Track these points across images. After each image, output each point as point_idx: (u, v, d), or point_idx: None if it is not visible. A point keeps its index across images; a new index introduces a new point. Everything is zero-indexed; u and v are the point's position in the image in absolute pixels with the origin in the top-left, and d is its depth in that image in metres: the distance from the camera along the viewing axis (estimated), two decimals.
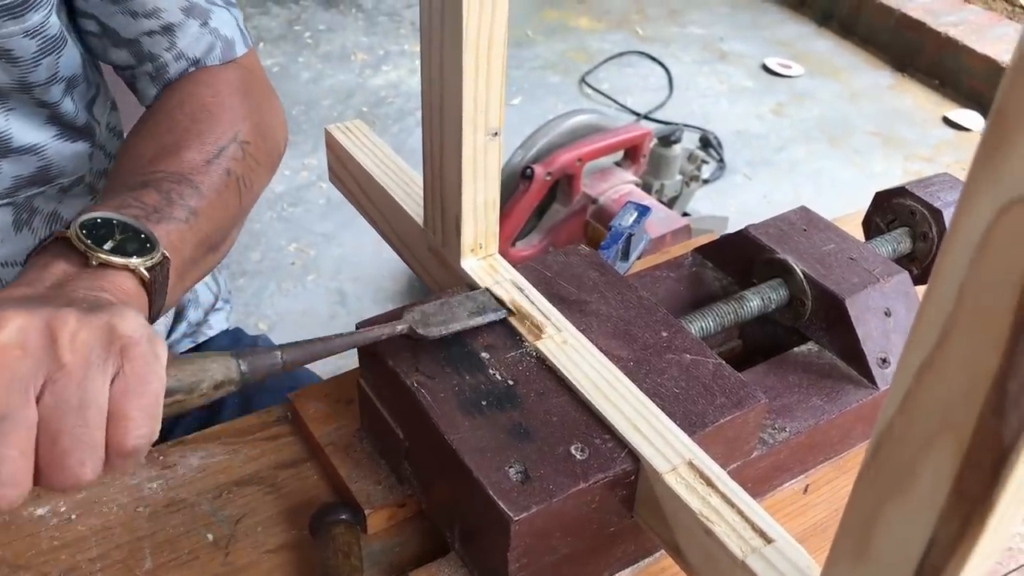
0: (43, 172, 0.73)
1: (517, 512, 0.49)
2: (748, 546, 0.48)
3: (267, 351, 0.53)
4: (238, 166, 0.70)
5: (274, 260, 2.24)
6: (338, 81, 2.97)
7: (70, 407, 0.44)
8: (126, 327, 0.46)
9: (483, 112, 0.59)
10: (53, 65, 0.69)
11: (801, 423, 0.63)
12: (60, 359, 0.44)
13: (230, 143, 0.70)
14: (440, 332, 0.59)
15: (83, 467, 0.44)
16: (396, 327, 0.58)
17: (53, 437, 0.43)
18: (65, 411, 0.43)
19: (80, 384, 0.44)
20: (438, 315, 0.60)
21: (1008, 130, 0.28)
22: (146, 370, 0.46)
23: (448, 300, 0.62)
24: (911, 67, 3.19)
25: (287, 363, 0.54)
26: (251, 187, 0.72)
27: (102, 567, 0.60)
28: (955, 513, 0.34)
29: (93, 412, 0.44)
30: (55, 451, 0.44)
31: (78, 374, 0.44)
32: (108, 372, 0.45)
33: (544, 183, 1.89)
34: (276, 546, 0.62)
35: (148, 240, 0.56)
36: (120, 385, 0.45)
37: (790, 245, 0.71)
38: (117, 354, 0.45)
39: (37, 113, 0.71)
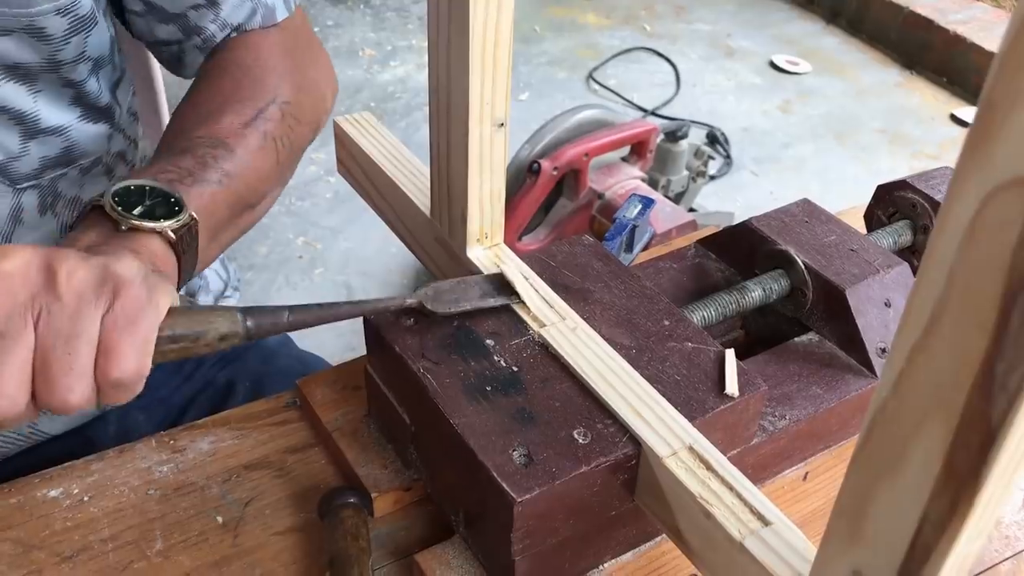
0: (67, 153, 0.75)
1: (520, 494, 0.51)
2: (746, 528, 0.49)
3: (273, 309, 0.55)
4: (275, 127, 0.73)
5: (282, 254, 2.26)
6: (346, 76, 2.98)
7: (61, 335, 0.48)
8: (121, 268, 0.50)
9: (489, 104, 0.60)
10: (81, 44, 0.71)
11: (801, 411, 0.64)
12: (56, 291, 0.48)
13: (268, 105, 0.74)
14: (449, 309, 0.60)
15: (70, 391, 0.49)
16: (406, 300, 0.60)
17: (45, 361, 0.48)
18: (56, 339, 0.48)
19: (72, 316, 0.48)
20: (450, 293, 0.61)
21: (995, 118, 0.29)
22: (136, 308, 0.50)
23: (464, 280, 0.63)
24: (919, 65, 3.19)
25: (292, 323, 0.56)
26: (290, 146, 0.76)
27: (114, 547, 0.61)
28: (945, 492, 0.35)
29: (82, 342, 0.48)
30: (46, 374, 0.48)
31: (71, 306, 0.48)
32: (100, 307, 0.49)
33: (551, 178, 1.90)
34: (284, 528, 0.63)
35: (177, 203, 0.60)
36: (110, 320, 0.49)
37: (792, 236, 0.72)
38: (110, 292, 0.49)
39: (63, 94, 0.72)
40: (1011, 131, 0.29)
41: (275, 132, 0.73)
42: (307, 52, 0.82)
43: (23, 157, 0.71)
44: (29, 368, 0.48)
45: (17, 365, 0.47)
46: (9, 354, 0.47)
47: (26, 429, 0.81)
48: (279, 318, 0.55)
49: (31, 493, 0.64)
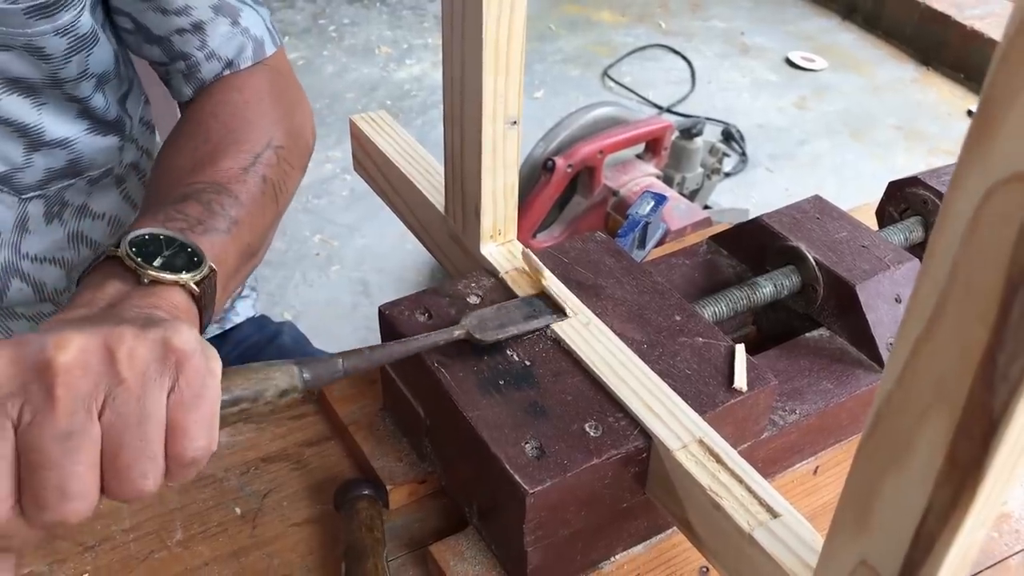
0: (73, 165, 0.75)
1: (532, 485, 0.51)
2: (755, 520, 0.50)
3: (329, 359, 0.54)
4: (273, 172, 0.71)
5: (298, 251, 2.28)
6: (362, 75, 3.00)
7: (130, 422, 0.45)
8: (180, 341, 0.47)
9: (502, 101, 0.61)
10: (83, 62, 0.71)
11: (811, 406, 0.64)
12: (119, 375, 0.45)
13: (264, 149, 0.71)
14: (496, 336, 0.60)
15: (145, 479, 0.46)
16: (454, 332, 0.59)
17: (115, 451, 0.45)
18: (126, 426, 0.45)
19: (139, 399, 0.45)
20: (494, 319, 0.61)
21: (996, 113, 0.30)
22: (201, 383, 0.47)
23: (505, 305, 0.63)
24: (936, 60, 3.18)
25: (347, 370, 0.55)
26: (286, 191, 0.73)
27: (135, 537, 0.63)
28: (949, 481, 0.36)
29: (152, 426, 0.45)
30: (118, 465, 0.45)
31: (137, 390, 0.45)
32: (165, 386, 0.46)
33: (565, 175, 1.90)
34: (301, 520, 0.64)
35: (195, 254, 0.57)
36: (177, 398, 0.46)
37: (803, 233, 0.72)
38: (173, 368, 0.46)
39: (68, 108, 0.73)
40: (1011, 127, 0.29)
41: (273, 176, 0.71)
42: (292, 92, 0.80)
43: (27, 168, 0.72)
44: (97, 463, 0.44)
45: (86, 463, 0.44)
46: (76, 452, 0.43)
47: None
48: (334, 367, 0.54)
49: None
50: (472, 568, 0.59)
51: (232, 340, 0.99)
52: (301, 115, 0.79)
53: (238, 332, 1.00)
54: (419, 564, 0.62)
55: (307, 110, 0.82)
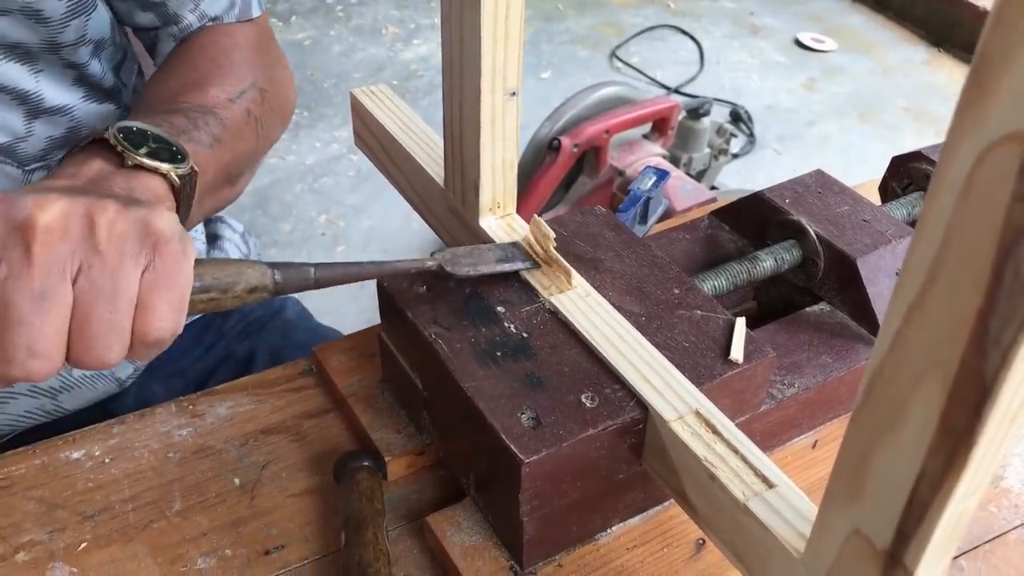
0: (73, 133, 0.75)
1: (528, 455, 0.51)
2: (750, 490, 0.50)
3: (301, 266, 0.55)
4: (257, 108, 0.74)
5: (304, 231, 2.28)
6: (369, 54, 2.99)
7: (102, 293, 0.46)
8: (160, 223, 0.48)
9: (501, 72, 0.61)
10: (81, 27, 0.71)
11: (810, 379, 0.64)
12: (97, 246, 0.46)
13: (250, 87, 0.74)
14: (467, 272, 0.61)
15: (109, 350, 0.47)
16: (425, 263, 0.60)
17: (84, 319, 0.46)
18: (97, 296, 0.46)
19: (113, 272, 0.46)
20: (468, 257, 0.62)
21: (990, 73, 0.29)
22: (175, 266, 0.49)
23: (479, 247, 0.64)
24: (947, 42, 3.15)
25: (319, 280, 0.56)
26: (267, 131, 0.76)
27: (134, 507, 0.63)
28: (941, 448, 0.36)
29: (123, 300, 0.47)
30: (85, 333, 0.46)
31: (112, 262, 0.46)
32: (140, 263, 0.47)
33: (571, 155, 1.90)
34: (300, 491, 0.65)
35: (179, 152, 0.59)
36: (150, 278, 0.48)
37: (804, 207, 0.72)
38: (150, 247, 0.48)
39: (66, 74, 0.73)
40: (1005, 88, 0.29)
41: (256, 112, 0.74)
42: (275, 51, 0.83)
43: (29, 138, 0.72)
44: (67, 327, 0.46)
45: (55, 324, 0.45)
46: (47, 313, 0.45)
47: (49, 404, 0.82)
48: (306, 274, 0.55)
49: (55, 454, 0.66)
50: (469, 538, 0.59)
51: (236, 313, 0.99)
52: (282, 71, 0.82)
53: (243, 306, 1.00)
54: (416, 535, 0.62)
55: (287, 70, 0.84)
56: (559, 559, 0.59)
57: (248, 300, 0.54)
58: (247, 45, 0.79)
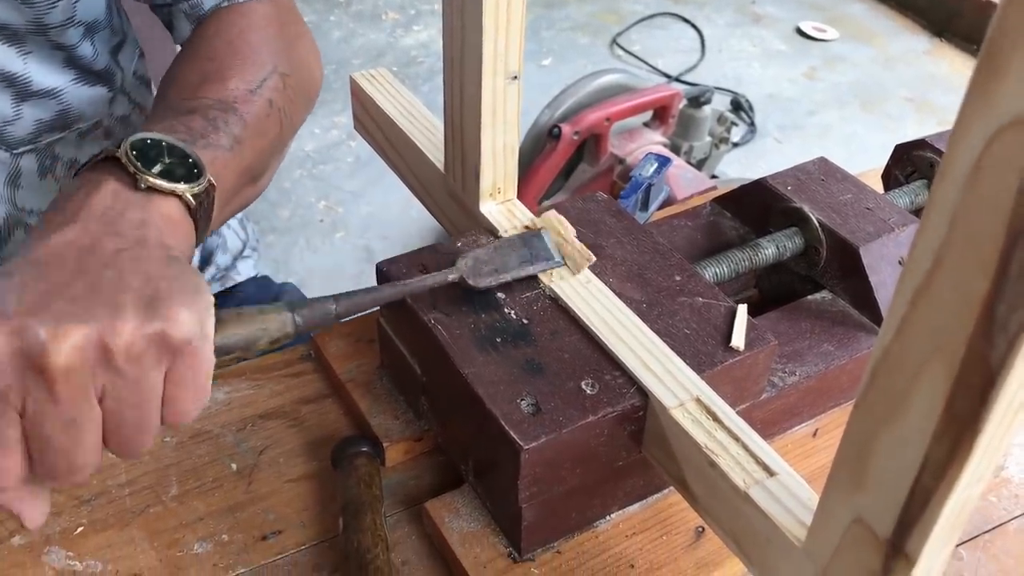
0: (63, 116, 0.74)
1: (527, 441, 0.51)
2: (751, 478, 0.49)
3: (321, 302, 0.54)
4: (279, 97, 0.71)
5: (303, 217, 2.27)
6: (369, 40, 2.97)
7: (129, 404, 0.47)
8: (178, 333, 0.47)
9: (503, 56, 0.60)
10: (69, 8, 0.70)
11: (811, 368, 0.64)
12: (117, 369, 0.46)
13: (271, 74, 0.71)
14: (490, 283, 0.60)
15: (142, 445, 0.49)
16: (447, 276, 0.59)
17: (115, 428, 0.48)
18: (125, 408, 0.47)
19: (137, 386, 0.47)
20: (490, 263, 0.60)
21: (1000, 57, 0.29)
22: (197, 367, 0.49)
23: (501, 245, 0.62)
24: (949, 32, 3.14)
25: (339, 313, 0.55)
26: (291, 119, 0.73)
27: (131, 492, 0.63)
28: (946, 436, 0.35)
29: (149, 405, 0.48)
30: (119, 437, 0.48)
31: (134, 377, 0.47)
32: (162, 370, 0.48)
33: (571, 142, 1.89)
34: (297, 476, 0.64)
35: (195, 165, 0.57)
36: (173, 378, 0.48)
37: (807, 195, 0.71)
38: (169, 356, 0.48)
39: (54, 56, 0.72)
40: (1015, 71, 0.28)
41: (279, 101, 0.71)
42: (297, 26, 0.79)
43: (17, 121, 0.71)
44: (99, 440, 0.48)
45: (89, 443, 0.47)
46: (80, 436, 0.47)
47: None
48: (327, 310, 0.54)
49: None
50: (467, 525, 0.59)
51: (235, 299, 0.99)
52: (305, 48, 0.79)
53: (240, 291, 1.00)
54: (415, 521, 0.62)
55: (312, 46, 0.81)
56: (558, 546, 0.59)
57: (272, 349, 0.54)
58: (266, 24, 0.75)
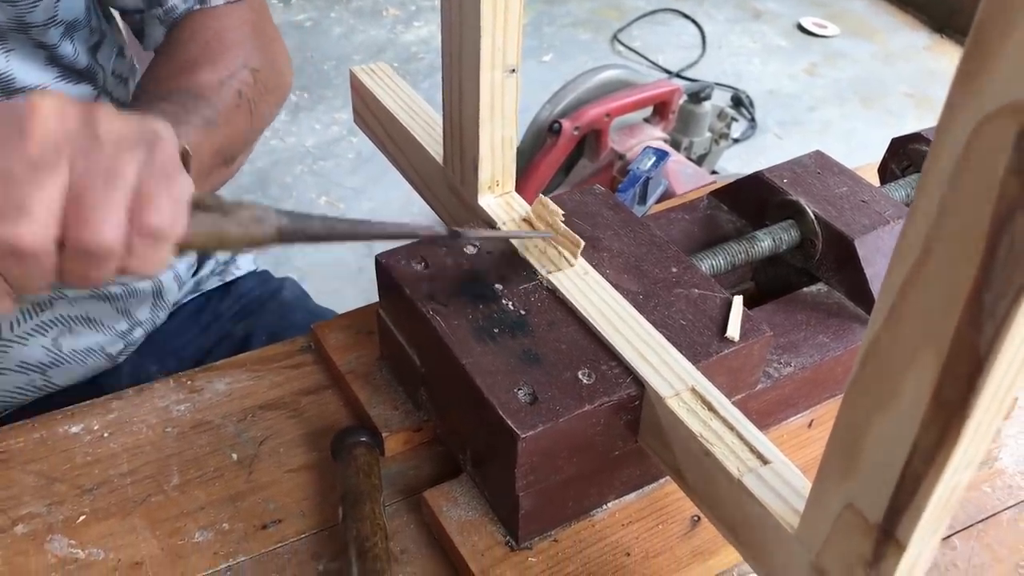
0: None
1: (524, 430, 0.52)
2: (745, 466, 0.50)
3: (307, 215, 0.53)
4: (249, 90, 0.74)
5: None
6: (369, 37, 2.98)
7: (99, 170, 0.46)
8: (157, 126, 0.49)
9: (501, 50, 0.61)
10: (51, 8, 0.71)
11: (807, 359, 0.64)
12: (95, 133, 0.47)
13: (241, 68, 0.74)
14: (479, 234, 0.61)
15: (104, 224, 0.46)
16: (435, 227, 0.59)
17: (80, 194, 0.46)
18: (94, 173, 0.46)
19: (110, 157, 0.47)
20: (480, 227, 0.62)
21: (988, 45, 0.29)
22: (172, 165, 0.49)
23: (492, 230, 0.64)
24: (949, 28, 3.14)
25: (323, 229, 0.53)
26: (260, 111, 0.76)
27: (132, 481, 0.63)
28: (935, 422, 0.36)
29: (119, 181, 0.46)
30: (80, 206, 0.46)
31: (109, 148, 0.47)
32: (137, 155, 0.47)
33: (572, 138, 1.89)
34: (297, 466, 0.65)
35: None
36: (147, 171, 0.48)
37: (803, 188, 0.72)
38: (147, 144, 0.48)
39: (36, 54, 0.72)
40: (1002, 60, 0.29)
41: (248, 93, 0.73)
42: (269, 30, 0.82)
43: None
44: (61, 201, 0.45)
45: (49, 193, 0.45)
46: (40, 177, 0.45)
47: (39, 380, 0.82)
48: (311, 222, 0.53)
49: (53, 429, 0.66)
50: (465, 514, 0.60)
51: (234, 293, 1.00)
52: (277, 51, 0.82)
53: (240, 285, 1.01)
54: (413, 510, 0.62)
55: (283, 49, 0.84)
56: (555, 534, 0.59)
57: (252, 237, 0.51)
58: (239, 27, 0.78)
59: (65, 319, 0.81)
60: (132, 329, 0.88)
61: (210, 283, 0.99)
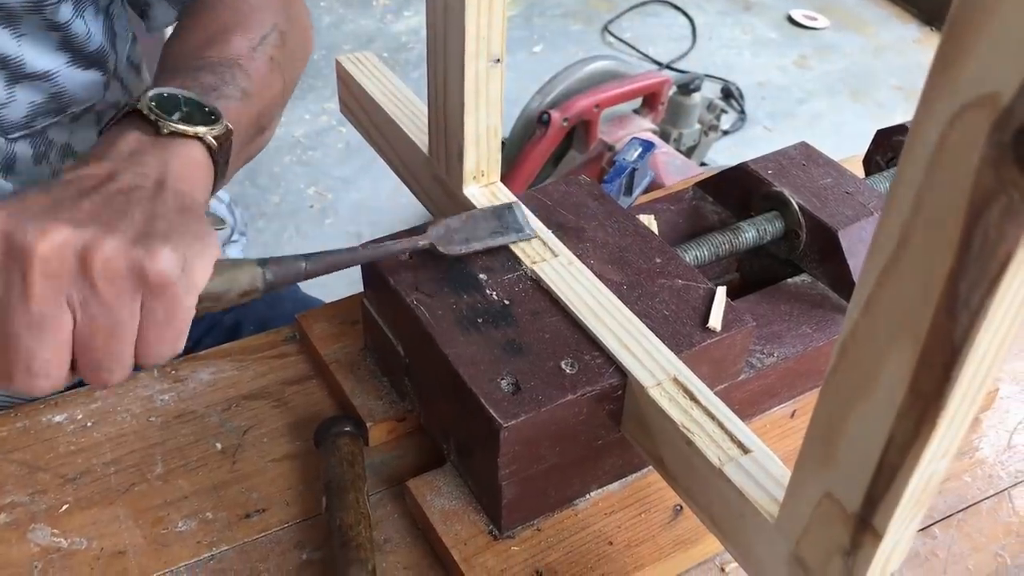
0: (56, 99, 0.74)
1: (506, 419, 0.52)
2: (726, 455, 0.50)
3: (293, 260, 0.56)
4: (278, 52, 0.74)
5: (293, 203, 2.27)
6: (359, 26, 2.96)
7: (100, 326, 0.48)
8: (158, 266, 0.48)
9: (485, 39, 0.61)
10: None
11: (789, 349, 0.65)
12: (92, 282, 0.47)
13: (270, 31, 0.75)
14: (460, 250, 0.61)
15: (111, 374, 0.50)
16: (418, 242, 0.60)
17: (84, 348, 0.48)
18: (96, 329, 0.48)
19: (110, 309, 0.48)
20: (461, 231, 0.62)
21: (962, 37, 0.29)
22: (173, 308, 0.50)
23: (473, 214, 0.64)
24: (939, 21, 3.14)
25: (310, 272, 0.56)
26: (289, 73, 0.77)
27: (116, 470, 0.63)
28: (911, 412, 0.36)
29: (121, 333, 0.49)
30: (87, 360, 0.49)
31: (107, 298, 0.48)
32: (136, 301, 0.49)
33: (561, 129, 1.89)
34: (281, 455, 0.65)
35: (213, 112, 0.60)
36: (148, 316, 0.49)
37: (788, 179, 0.72)
38: (147, 290, 0.49)
39: (49, 38, 0.72)
40: (977, 50, 0.29)
41: (279, 57, 0.74)
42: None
43: (11, 104, 0.71)
44: (67, 351, 0.48)
45: (52, 350, 0.48)
46: (43, 339, 0.47)
47: None
48: (297, 268, 0.56)
49: (36, 418, 0.66)
50: (448, 503, 0.60)
51: None
52: (298, 8, 0.82)
53: None
54: (397, 499, 0.63)
55: (303, 5, 0.84)
56: (538, 523, 0.59)
57: (242, 303, 0.55)
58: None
59: None
60: None
61: None
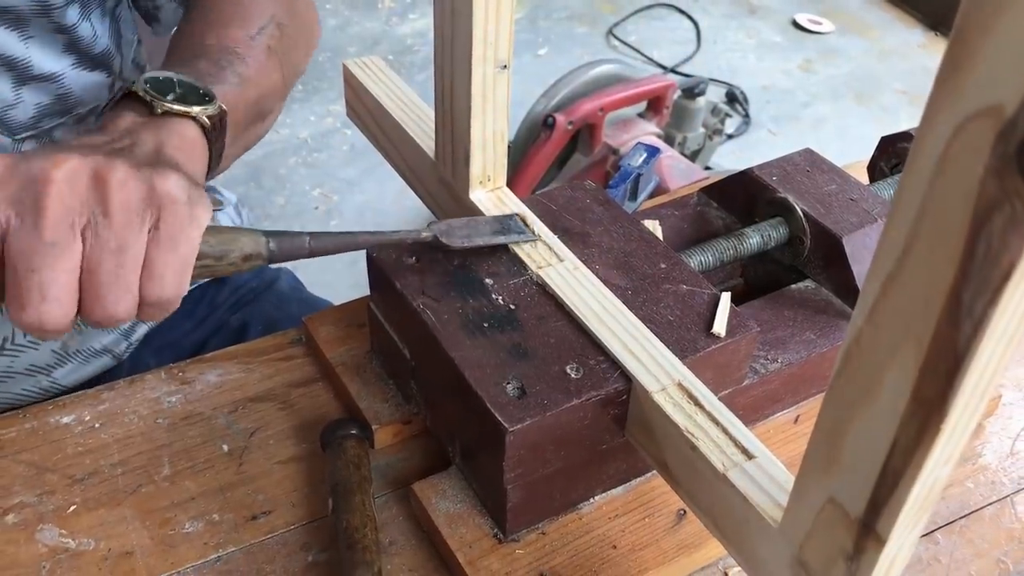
0: (62, 100, 0.75)
1: (512, 423, 0.52)
2: (730, 461, 0.50)
3: (296, 235, 0.57)
4: (277, 43, 0.75)
5: (298, 205, 2.27)
6: (364, 28, 2.97)
7: (108, 248, 0.49)
8: (167, 185, 0.51)
9: (492, 45, 0.61)
10: None
11: (793, 355, 0.65)
12: (105, 202, 0.49)
13: (268, 23, 0.76)
14: (462, 244, 0.62)
15: (117, 304, 0.50)
16: (421, 233, 0.61)
17: (92, 272, 0.49)
18: (104, 251, 0.49)
19: (119, 229, 0.49)
20: (463, 229, 0.63)
21: (968, 46, 0.30)
22: (179, 230, 0.51)
23: (475, 218, 0.64)
24: (944, 25, 3.14)
25: (313, 249, 0.57)
26: (289, 64, 0.78)
27: (123, 472, 0.64)
28: (914, 419, 0.36)
29: (128, 257, 0.49)
30: (94, 285, 0.49)
31: (118, 219, 0.49)
32: (146, 223, 0.50)
33: (565, 132, 1.90)
34: (287, 458, 0.65)
35: (207, 94, 0.61)
36: (154, 239, 0.50)
37: (792, 185, 0.72)
38: (156, 208, 0.50)
39: (56, 40, 0.73)
40: (982, 61, 0.29)
41: (277, 48, 0.75)
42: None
43: (18, 105, 0.72)
44: (77, 276, 0.49)
45: (66, 272, 0.48)
46: (58, 260, 0.48)
47: (45, 381, 0.83)
48: (301, 243, 0.56)
49: (45, 419, 0.67)
50: (453, 506, 0.60)
51: (230, 284, 1.00)
52: (301, 2, 0.83)
53: (236, 276, 1.01)
54: (402, 502, 0.63)
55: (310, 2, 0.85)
56: (542, 527, 0.60)
57: (243, 267, 0.55)
58: None
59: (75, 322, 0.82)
60: (135, 327, 0.89)
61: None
